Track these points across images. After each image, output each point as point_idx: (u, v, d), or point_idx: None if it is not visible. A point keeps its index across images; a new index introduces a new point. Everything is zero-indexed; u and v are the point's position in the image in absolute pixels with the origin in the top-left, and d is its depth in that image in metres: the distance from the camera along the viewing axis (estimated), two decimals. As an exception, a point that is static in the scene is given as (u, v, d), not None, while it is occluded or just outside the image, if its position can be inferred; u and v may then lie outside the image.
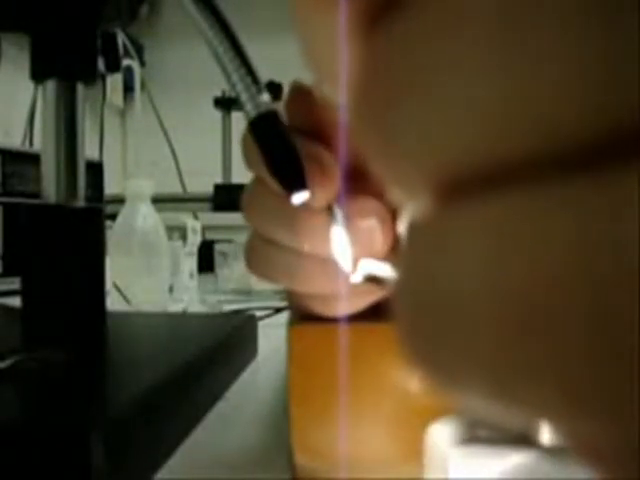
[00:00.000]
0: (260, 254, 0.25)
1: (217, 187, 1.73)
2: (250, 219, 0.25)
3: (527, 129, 0.06)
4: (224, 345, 0.41)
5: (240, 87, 0.22)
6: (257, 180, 0.24)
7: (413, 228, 0.08)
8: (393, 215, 0.23)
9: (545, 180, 0.06)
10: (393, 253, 0.23)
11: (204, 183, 1.75)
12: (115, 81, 2.01)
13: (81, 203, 0.40)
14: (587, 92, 0.06)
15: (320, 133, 0.24)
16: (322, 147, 0.23)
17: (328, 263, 0.22)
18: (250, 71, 0.22)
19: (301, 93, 0.25)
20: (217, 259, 0.99)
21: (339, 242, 0.22)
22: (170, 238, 0.81)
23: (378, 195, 0.23)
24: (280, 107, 0.24)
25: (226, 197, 1.65)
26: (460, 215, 0.07)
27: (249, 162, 0.24)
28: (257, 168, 0.23)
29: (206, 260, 0.99)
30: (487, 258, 0.07)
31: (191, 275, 0.86)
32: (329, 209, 0.22)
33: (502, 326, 0.07)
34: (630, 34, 0.06)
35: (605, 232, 0.06)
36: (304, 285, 0.24)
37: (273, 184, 0.21)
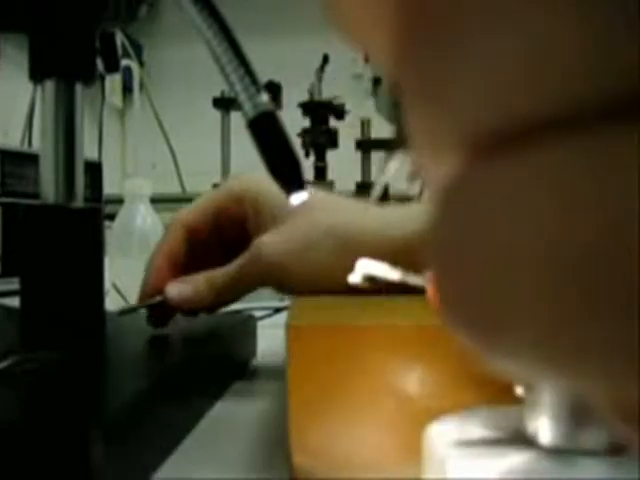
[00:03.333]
0: None
1: (216, 187, 1.73)
2: None
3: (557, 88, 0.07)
4: (223, 345, 0.41)
5: (239, 87, 0.22)
6: None
7: (447, 189, 0.08)
8: None
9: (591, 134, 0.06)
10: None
11: (203, 183, 1.75)
12: (114, 81, 2.01)
13: (80, 203, 0.40)
14: (592, 56, 0.06)
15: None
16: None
17: None
18: (249, 71, 0.22)
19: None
20: (216, 259, 0.99)
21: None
22: (169, 238, 0.80)
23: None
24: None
25: (225, 197, 1.65)
26: (508, 167, 0.07)
27: None
28: None
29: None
30: (545, 211, 0.07)
31: (190, 275, 0.86)
32: None
33: (564, 284, 0.06)
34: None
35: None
36: None
37: None
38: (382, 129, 1.70)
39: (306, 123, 1.58)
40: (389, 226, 0.37)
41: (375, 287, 0.29)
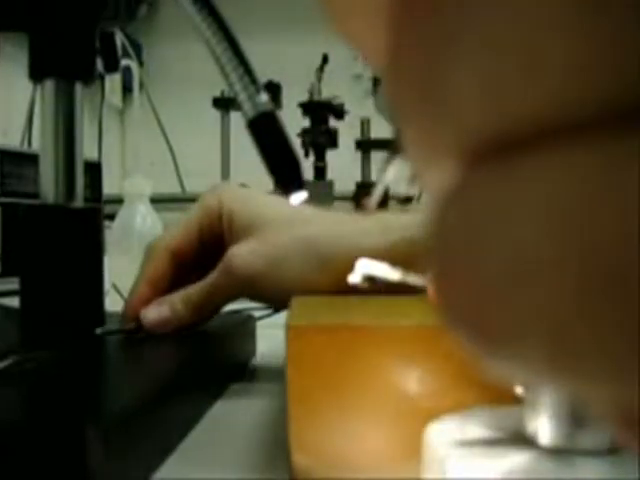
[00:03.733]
0: None
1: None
2: None
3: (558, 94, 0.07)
4: (222, 345, 0.41)
5: (238, 86, 0.22)
6: None
7: (445, 195, 0.08)
8: None
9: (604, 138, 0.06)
10: None
11: (203, 183, 1.75)
12: (114, 81, 2.01)
13: (79, 203, 0.40)
14: (594, 66, 0.06)
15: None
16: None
17: None
18: (248, 70, 0.22)
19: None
20: (216, 259, 0.99)
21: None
22: (169, 238, 0.81)
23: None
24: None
25: (225, 197, 1.65)
26: (508, 173, 0.07)
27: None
28: None
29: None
30: (548, 214, 0.07)
31: (190, 275, 0.86)
32: None
33: (568, 287, 0.06)
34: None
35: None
36: None
37: None
38: (382, 129, 1.70)
39: (306, 123, 1.58)
40: (370, 238, 0.37)
41: (375, 287, 0.29)
